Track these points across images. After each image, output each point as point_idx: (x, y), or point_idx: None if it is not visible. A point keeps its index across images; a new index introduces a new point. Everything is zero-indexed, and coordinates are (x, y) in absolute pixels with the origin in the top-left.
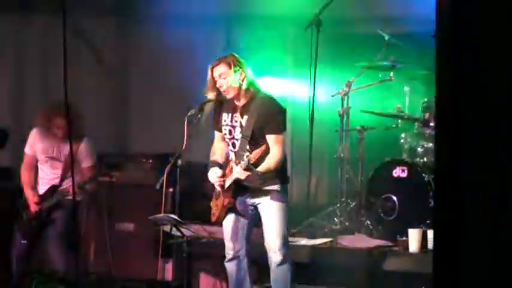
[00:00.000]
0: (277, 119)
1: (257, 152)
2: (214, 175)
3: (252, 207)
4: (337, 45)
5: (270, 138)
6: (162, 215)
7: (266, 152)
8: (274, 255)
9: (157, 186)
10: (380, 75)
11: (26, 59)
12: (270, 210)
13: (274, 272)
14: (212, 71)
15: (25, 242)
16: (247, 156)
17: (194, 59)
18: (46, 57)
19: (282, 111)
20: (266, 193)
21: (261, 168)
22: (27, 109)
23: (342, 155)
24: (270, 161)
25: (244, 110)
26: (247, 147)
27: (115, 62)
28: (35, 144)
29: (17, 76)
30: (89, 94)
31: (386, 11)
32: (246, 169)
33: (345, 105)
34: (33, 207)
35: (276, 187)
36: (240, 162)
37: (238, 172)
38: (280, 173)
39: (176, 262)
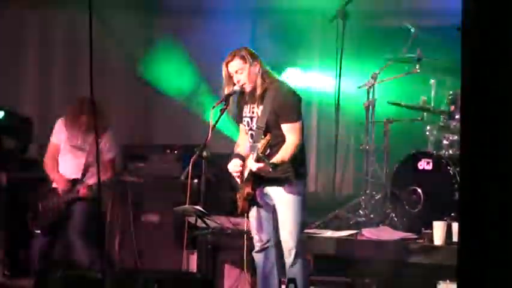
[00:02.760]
0: (291, 107)
1: (262, 143)
2: (233, 166)
3: (272, 199)
4: (363, 38)
5: (285, 127)
6: (187, 206)
7: (274, 141)
8: (287, 255)
9: (183, 178)
10: (406, 68)
11: (53, 51)
12: (285, 208)
13: (288, 271)
14: (227, 67)
15: (39, 232)
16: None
17: (220, 51)
18: (72, 49)
19: (297, 99)
20: (283, 187)
21: (275, 159)
22: (53, 101)
23: (367, 147)
24: (285, 151)
25: (260, 100)
26: (262, 137)
27: (140, 55)
28: (60, 133)
29: (43, 68)
30: (114, 85)
31: (412, 4)
32: (258, 160)
33: (370, 98)
34: (63, 186)
35: (292, 182)
36: (254, 153)
37: (250, 164)
38: (296, 166)
39: (201, 253)
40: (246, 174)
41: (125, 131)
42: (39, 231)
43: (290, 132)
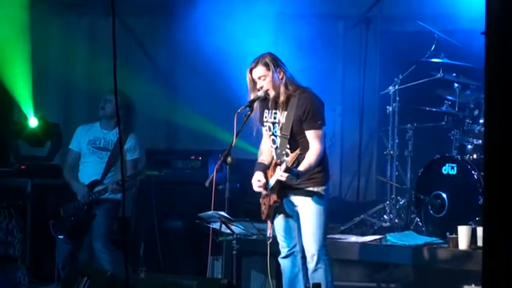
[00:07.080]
0: (315, 114)
1: (292, 157)
2: (256, 183)
3: (296, 206)
4: (387, 43)
5: (309, 133)
6: (211, 212)
7: (301, 155)
8: (310, 261)
9: (207, 184)
10: (430, 72)
11: (75, 56)
12: (308, 214)
13: (311, 276)
14: (251, 73)
15: (62, 237)
16: (285, 157)
17: (242, 57)
18: (95, 55)
19: (321, 106)
20: (306, 194)
21: (302, 166)
22: (74, 108)
23: (391, 152)
24: (310, 157)
25: (283, 107)
26: (287, 146)
27: (164, 60)
28: (81, 138)
29: (64, 74)
30: (138, 91)
31: (436, 8)
32: (286, 170)
33: (394, 103)
34: (83, 196)
35: (315, 188)
36: (280, 162)
37: (279, 174)
38: (320, 173)
39: (226, 259)
40: (272, 183)
41: (148, 136)
42: (61, 237)
43: (314, 138)
